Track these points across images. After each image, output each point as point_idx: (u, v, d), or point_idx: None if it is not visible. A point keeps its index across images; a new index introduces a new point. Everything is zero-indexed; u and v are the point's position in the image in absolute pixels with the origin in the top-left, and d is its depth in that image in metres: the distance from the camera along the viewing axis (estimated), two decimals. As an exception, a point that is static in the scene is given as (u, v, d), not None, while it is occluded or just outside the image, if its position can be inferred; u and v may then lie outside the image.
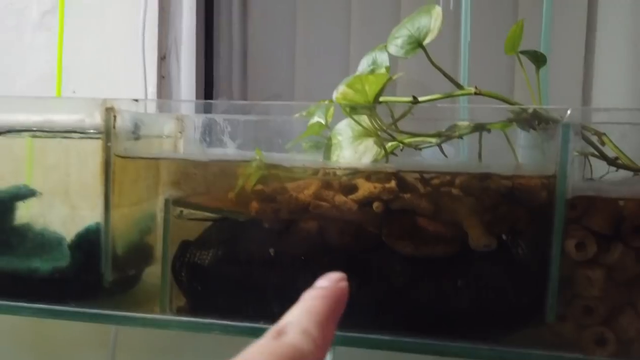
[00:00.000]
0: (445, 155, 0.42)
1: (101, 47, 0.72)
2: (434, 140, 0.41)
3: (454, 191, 0.38)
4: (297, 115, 0.51)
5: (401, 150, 0.42)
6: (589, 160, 0.40)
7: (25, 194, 0.44)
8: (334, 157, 0.40)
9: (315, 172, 0.40)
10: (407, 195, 0.37)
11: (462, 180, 0.38)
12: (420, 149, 0.42)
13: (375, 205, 0.37)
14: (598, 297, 0.34)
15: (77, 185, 0.41)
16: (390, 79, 0.35)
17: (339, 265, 0.38)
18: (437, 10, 0.37)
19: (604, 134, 0.41)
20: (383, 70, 0.41)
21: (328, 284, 0.19)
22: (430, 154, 0.42)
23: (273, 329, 0.17)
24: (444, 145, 0.41)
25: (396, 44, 0.39)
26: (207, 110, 0.56)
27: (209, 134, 0.52)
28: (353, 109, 0.38)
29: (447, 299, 0.36)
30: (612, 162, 0.37)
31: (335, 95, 0.36)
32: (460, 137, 0.40)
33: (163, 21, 0.71)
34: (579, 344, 0.35)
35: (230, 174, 0.39)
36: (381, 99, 0.41)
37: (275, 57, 0.78)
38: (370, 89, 0.34)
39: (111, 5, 0.71)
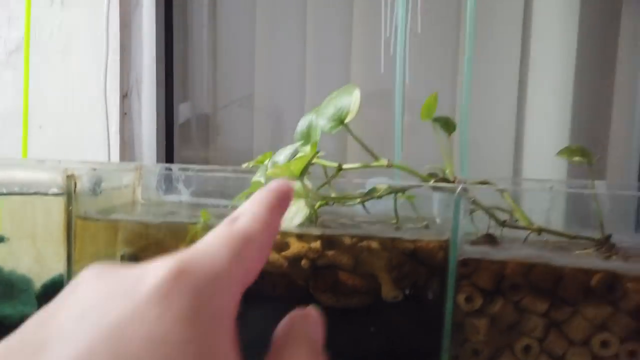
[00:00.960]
0: (368, 212, 0.49)
1: (66, 85, 0.76)
2: (357, 199, 0.47)
3: (374, 245, 0.45)
4: (244, 165, 0.57)
5: (332, 204, 0.49)
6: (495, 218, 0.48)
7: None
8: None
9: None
10: (330, 252, 0.44)
11: (378, 240, 0.44)
12: (348, 206, 0.48)
13: (303, 262, 0.43)
14: (483, 341, 0.41)
15: (44, 236, 0.46)
16: (313, 156, 0.42)
17: (272, 315, 0.44)
18: (356, 93, 0.44)
19: (505, 190, 0.48)
20: (315, 140, 0.47)
21: (276, 183, 0.21)
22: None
23: (228, 218, 0.19)
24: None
25: (323, 121, 0.45)
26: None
27: (165, 182, 0.58)
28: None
29: (363, 344, 0.43)
30: (500, 223, 0.44)
31: (267, 172, 0.42)
32: (380, 197, 0.47)
33: (124, 61, 0.76)
34: (468, 379, 0.42)
35: (178, 234, 0.45)
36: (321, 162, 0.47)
37: (235, 92, 0.83)
38: (296, 168, 0.40)
39: (75, 45, 0.75)
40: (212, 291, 0.16)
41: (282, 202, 0.21)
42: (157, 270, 0.16)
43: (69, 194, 0.44)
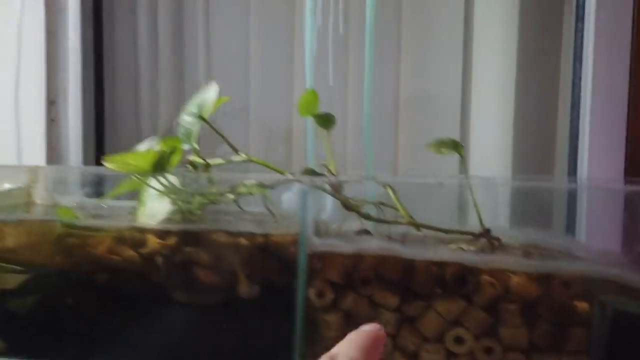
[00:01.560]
0: (242, 209, 0.48)
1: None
2: (231, 196, 0.46)
3: (239, 244, 0.44)
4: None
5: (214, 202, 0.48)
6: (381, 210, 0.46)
7: None
8: (138, 213, 0.46)
9: (118, 229, 0.45)
10: (188, 249, 0.43)
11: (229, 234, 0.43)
12: (219, 204, 0.48)
13: (158, 259, 0.42)
14: (337, 337, 0.40)
15: None
16: (164, 151, 0.41)
17: (129, 313, 0.43)
18: (214, 89, 0.43)
19: (389, 185, 0.47)
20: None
21: (370, 328, 0.23)
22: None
23: (326, 356, 0.21)
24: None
25: (187, 117, 0.44)
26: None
27: (60, 183, 0.58)
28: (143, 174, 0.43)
29: (216, 341, 0.41)
30: (350, 208, 0.43)
31: (109, 167, 0.41)
32: (251, 194, 0.46)
33: (51, 67, 0.76)
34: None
35: (36, 232, 0.45)
36: (192, 158, 0.47)
37: (163, 90, 0.83)
38: (140, 163, 0.40)
39: (1, 51, 0.76)
40: None
41: (377, 346, 0.22)
42: None
43: None
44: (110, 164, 0.39)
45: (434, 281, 0.39)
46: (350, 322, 0.40)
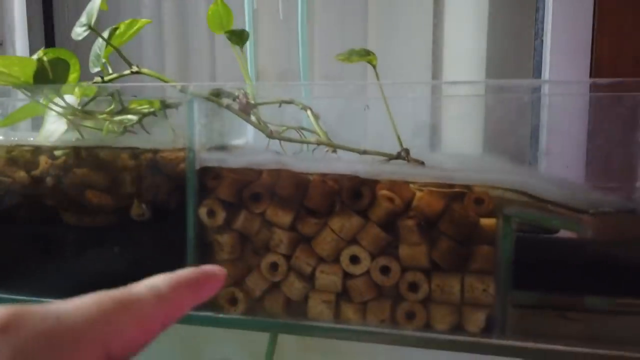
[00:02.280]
0: (148, 132, 0.45)
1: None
2: (133, 117, 0.43)
3: (129, 164, 0.41)
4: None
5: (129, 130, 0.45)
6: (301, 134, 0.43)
7: None
8: (40, 133, 0.43)
9: (9, 149, 0.43)
10: (80, 171, 0.40)
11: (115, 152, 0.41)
12: (129, 126, 0.45)
13: (47, 179, 0.40)
14: (229, 259, 0.37)
15: None
16: (42, 60, 0.38)
17: (18, 236, 0.41)
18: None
19: (309, 108, 0.43)
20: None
21: (207, 267, 0.20)
22: None
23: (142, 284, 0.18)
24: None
25: (77, 28, 0.41)
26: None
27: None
28: (53, 90, 0.41)
29: (106, 265, 0.39)
30: (267, 134, 0.40)
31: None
32: (154, 114, 0.43)
33: (-4, 9, 0.74)
34: (217, 303, 0.38)
35: None
36: (95, 79, 0.44)
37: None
38: (15, 71, 0.37)
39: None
40: (41, 352, 0.14)
41: (202, 285, 0.19)
42: None
43: None
44: None
45: (328, 196, 0.35)
46: (245, 243, 0.37)
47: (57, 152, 0.41)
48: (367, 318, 0.35)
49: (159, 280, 0.18)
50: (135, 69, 0.40)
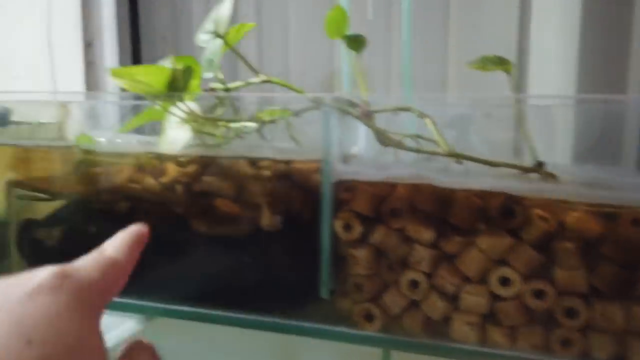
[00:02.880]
0: (266, 139, 0.44)
1: (34, 36, 0.77)
2: (252, 125, 0.43)
3: (260, 174, 0.40)
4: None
5: (240, 136, 0.45)
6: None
7: None
8: (160, 141, 0.43)
9: (137, 156, 0.43)
10: (208, 179, 0.40)
11: (267, 165, 0.40)
12: (246, 133, 0.44)
13: (177, 187, 0.40)
14: (365, 275, 0.36)
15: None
16: (176, 69, 0.38)
17: (149, 244, 0.41)
18: (228, 3, 0.39)
19: (428, 116, 0.42)
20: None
21: (134, 228, 0.26)
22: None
23: (95, 250, 0.24)
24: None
25: (203, 35, 0.41)
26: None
27: (92, 118, 0.57)
28: (168, 98, 0.41)
29: (237, 275, 0.39)
30: (383, 141, 0.38)
31: (119, 85, 0.39)
32: (273, 122, 0.42)
33: (86, 9, 0.75)
34: (352, 319, 0.37)
35: (57, 159, 0.43)
36: (212, 85, 0.44)
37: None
38: (150, 80, 0.37)
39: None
40: (88, 292, 0.21)
41: (138, 239, 0.26)
42: (45, 270, 0.21)
43: (-46, 118, 0.43)
44: (117, 79, 0.37)
45: (475, 214, 0.34)
46: (381, 258, 0.36)
47: (182, 159, 0.41)
48: (517, 343, 0.33)
49: (116, 244, 0.24)
50: (263, 77, 0.39)
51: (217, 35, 0.40)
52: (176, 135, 0.42)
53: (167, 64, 0.39)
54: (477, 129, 0.45)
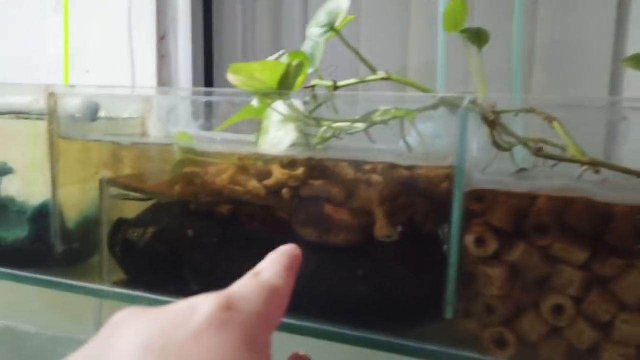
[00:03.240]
0: (373, 142, 0.41)
1: (108, 29, 0.76)
2: (360, 126, 0.40)
3: (375, 179, 0.37)
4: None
5: (337, 136, 0.42)
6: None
7: (3, 171, 0.48)
8: (260, 142, 0.41)
9: (240, 157, 0.41)
10: (317, 183, 0.37)
11: (381, 169, 0.37)
12: (351, 134, 0.41)
13: (284, 192, 0.37)
14: (498, 296, 0.32)
15: (32, 163, 0.45)
16: (290, 65, 0.35)
17: (249, 249, 0.39)
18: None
19: (555, 119, 0.38)
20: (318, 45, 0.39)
21: (289, 248, 0.25)
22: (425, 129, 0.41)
23: (251, 272, 0.22)
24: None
25: (314, 29, 0.38)
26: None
27: (173, 114, 0.55)
28: (268, 95, 0.38)
29: (348, 288, 0.36)
30: (534, 152, 0.34)
31: (232, 82, 0.36)
32: (385, 123, 0.39)
33: (161, 2, 0.73)
34: (479, 343, 0.33)
35: (155, 157, 0.41)
36: (314, 82, 0.41)
37: (279, 27, 0.77)
38: (265, 77, 0.34)
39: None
40: (258, 326, 0.19)
41: (294, 263, 0.24)
42: (208, 302, 0.18)
43: (51, 113, 0.42)
44: (234, 75, 0.34)
45: (638, 233, 0.29)
46: (517, 278, 0.32)
47: (286, 161, 0.38)
48: (686, 383, 0.29)
49: (274, 267, 0.22)
50: (382, 74, 0.36)
51: (332, 29, 0.36)
52: (280, 135, 0.39)
53: (280, 59, 0.36)
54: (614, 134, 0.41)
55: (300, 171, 0.37)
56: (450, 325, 0.34)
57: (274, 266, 0.22)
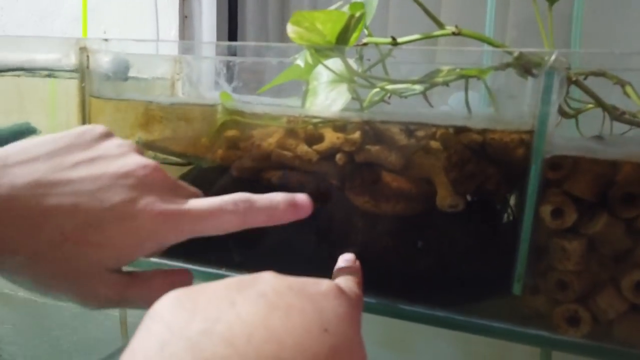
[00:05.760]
0: (431, 105, 0.38)
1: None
2: (417, 87, 0.37)
3: (434, 145, 0.34)
4: (293, 57, 0.48)
5: (389, 97, 0.39)
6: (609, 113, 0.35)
7: (27, 131, 0.46)
8: (307, 104, 0.38)
9: (289, 119, 0.38)
10: (374, 148, 0.34)
11: (441, 134, 0.34)
12: (405, 97, 0.38)
13: (338, 157, 0.35)
14: (574, 271, 0.30)
15: (63, 122, 0.43)
16: (352, 16, 0.32)
17: (302, 220, 0.36)
18: None
19: (629, 83, 0.35)
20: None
21: (352, 258, 0.30)
22: (457, 101, 0.39)
23: (334, 279, 0.27)
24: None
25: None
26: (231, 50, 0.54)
27: (205, 76, 0.51)
28: (320, 52, 0.35)
29: (406, 260, 0.33)
30: (616, 116, 0.32)
31: (290, 34, 0.33)
32: (446, 84, 0.36)
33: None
34: (550, 321, 0.31)
35: (195, 119, 0.38)
36: (366, 40, 0.37)
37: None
38: (326, 28, 0.31)
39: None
40: (358, 309, 0.23)
41: (360, 276, 0.28)
42: (325, 281, 0.23)
43: (82, 69, 0.39)
44: (294, 26, 0.31)
45: None
46: (596, 253, 0.30)
47: (339, 124, 0.36)
48: None
49: (350, 283, 0.26)
50: (452, 29, 0.33)
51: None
52: (333, 96, 0.36)
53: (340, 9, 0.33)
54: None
55: (356, 135, 0.34)
56: (517, 301, 0.32)
57: (351, 284, 0.26)
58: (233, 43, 0.50)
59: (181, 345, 0.17)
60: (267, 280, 0.21)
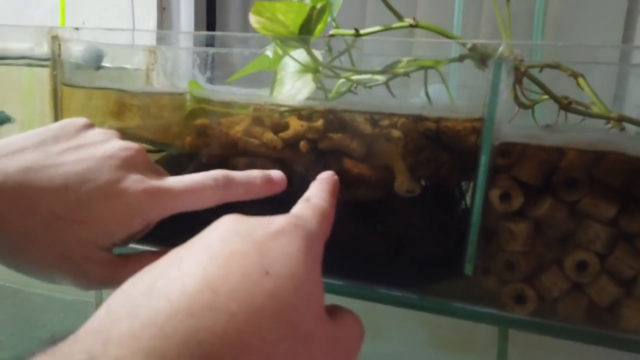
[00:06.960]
0: (393, 95, 0.39)
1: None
2: (380, 78, 0.38)
3: (395, 133, 0.36)
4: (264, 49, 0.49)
5: (355, 88, 0.40)
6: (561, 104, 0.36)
7: (2, 119, 0.47)
8: (274, 93, 0.39)
9: (256, 107, 0.39)
10: (336, 136, 0.36)
11: (402, 123, 0.35)
12: (370, 87, 0.40)
13: (302, 144, 0.36)
14: (521, 252, 0.32)
15: (38, 111, 0.43)
16: (314, 8, 0.33)
17: (262, 204, 0.38)
18: None
19: (582, 75, 0.37)
20: None
21: (326, 176, 0.30)
22: (437, 92, 0.40)
23: (302, 198, 0.27)
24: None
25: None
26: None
27: (179, 66, 0.52)
28: (286, 42, 0.36)
29: (366, 243, 0.35)
30: (565, 106, 0.33)
31: (253, 24, 0.34)
32: (407, 74, 0.38)
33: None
34: (499, 299, 0.33)
35: (165, 107, 0.40)
36: (333, 31, 0.39)
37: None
38: (288, 19, 0.32)
39: None
40: (315, 239, 0.23)
41: (334, 188, 0.29)
42: (283, 217, 0.23)
43: (54, 58, 0.40)
44: (256, 16, 0.32)
45: (670, 189, 0.29)
46: (541, 234, 0.32)
47: (304, 112, 0.37)
48: None
49: (321, 193, 0.28)
50: (410, 21, 0.34)
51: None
52: (298, 86, 0.37)
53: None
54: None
55: (319, 123, 0.35)
56: (468, 281, 0.34)
57: (320, 193, 0.27)
58: (209, 33, 0.51)
59: (124, 304, 0.18)
60: (219, 227, 0.22)
